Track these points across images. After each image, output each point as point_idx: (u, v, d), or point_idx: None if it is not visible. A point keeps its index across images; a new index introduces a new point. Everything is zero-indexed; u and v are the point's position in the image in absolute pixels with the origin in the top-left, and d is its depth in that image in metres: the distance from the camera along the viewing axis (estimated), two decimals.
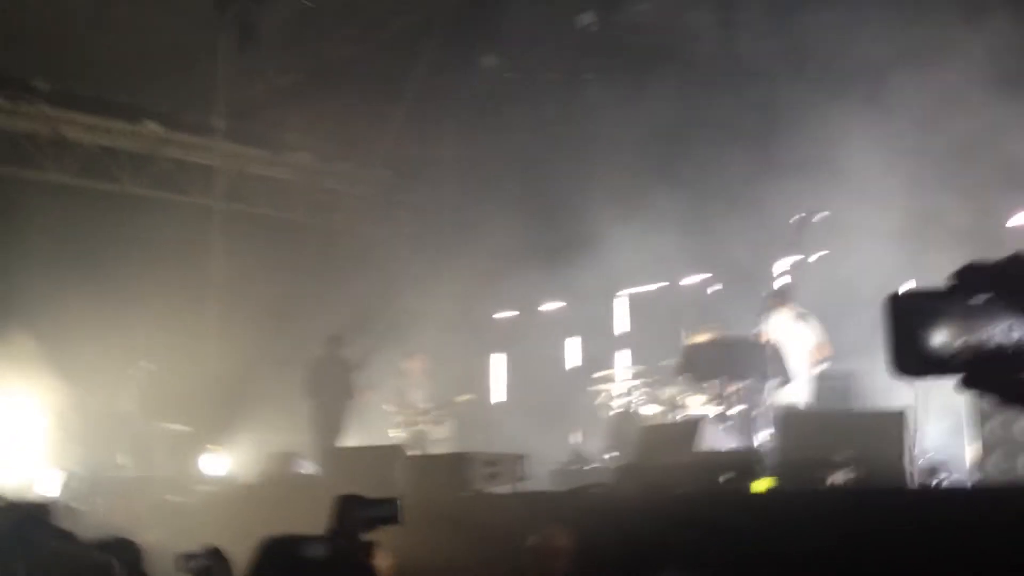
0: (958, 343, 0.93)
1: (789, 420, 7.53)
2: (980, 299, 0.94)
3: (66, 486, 11.13)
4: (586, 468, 10.93)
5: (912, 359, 0.95)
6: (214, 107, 15.22)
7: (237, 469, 13.05)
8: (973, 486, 7.45)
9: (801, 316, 10.09)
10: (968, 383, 0.94)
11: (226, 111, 15.27)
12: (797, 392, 9.78)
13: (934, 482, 6.67)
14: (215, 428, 13.50)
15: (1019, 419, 7.66)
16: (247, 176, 17.06)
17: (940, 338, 0.94)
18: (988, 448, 7.78)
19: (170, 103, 16.12)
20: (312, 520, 3.98)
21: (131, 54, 14.14)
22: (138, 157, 16.10)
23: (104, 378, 13.20)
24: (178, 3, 13.25)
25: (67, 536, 3.65)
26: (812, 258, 10.51)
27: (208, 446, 13.10)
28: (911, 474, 6.12)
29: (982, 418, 7.85)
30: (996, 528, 4.75)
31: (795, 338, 9.84)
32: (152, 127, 16.07)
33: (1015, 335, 0.92)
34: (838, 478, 6.18)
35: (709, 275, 13.42)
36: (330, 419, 13.07)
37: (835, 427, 6.85)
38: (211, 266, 15.08)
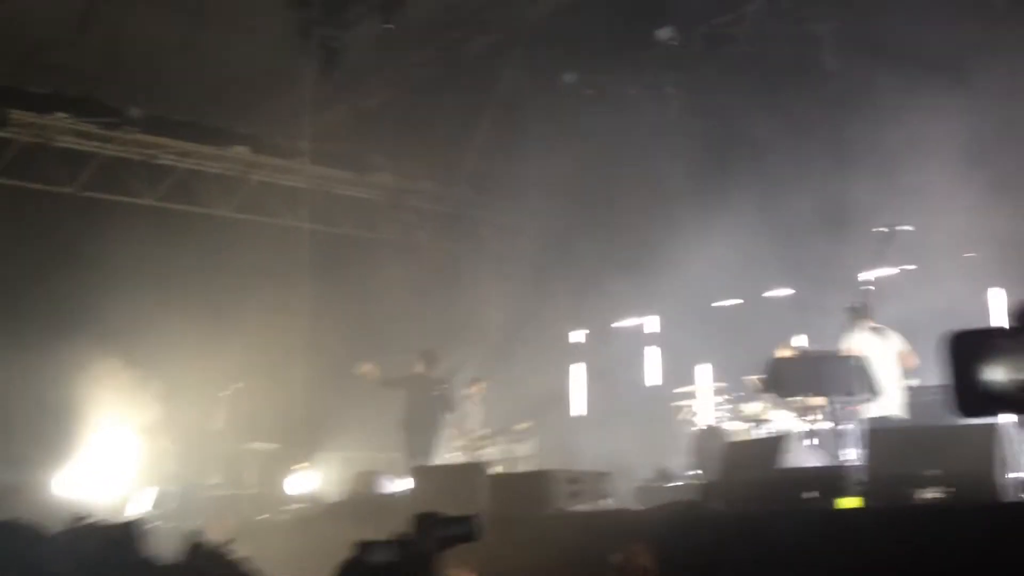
0: (1019, 379, 0.92)
1: (876, 435, 7.36)
2: None
3: (158, 504, 11.41)
4: (670, 485, 10.83)
5: (974, 399, 0.95)
6: (299, 130, 15.53)
7: (324, 487, 13.23)
8: None
9: (881, 330, 9.90)
10: None
11: (311, 134, 15.56)
12: (887, 406, 9.57)
13: None
14: (303, 447, 13.71)
15: None
16: (332, 197, 17.34)
17: (1000, 375, 0.93)
18: None
19: (257, 127, 16.49)
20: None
21: (219, 80, 14.53)
22: (226, 180, 16.48)
23: (195, 398, 13.49)
24: (263, 30, 13.56)
25: (148, 560, 3.73)
26: (896, 271, 10.29)
27: (295, 465, 13.30)
28: (1004, 488, 5.93)
29: None
30: None
31: (878, 351, 9.64)
32: (240, 151, 16.46)
33: None
34: (928, 494, 6.03)
35: (792, 290, 13.25)
36: (423, 438, 13.07)
37: (924, 441, 6.68)
38: (298, 286, 15.35)
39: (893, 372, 9.79)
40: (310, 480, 13.24)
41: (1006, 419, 7.88)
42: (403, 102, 15.88)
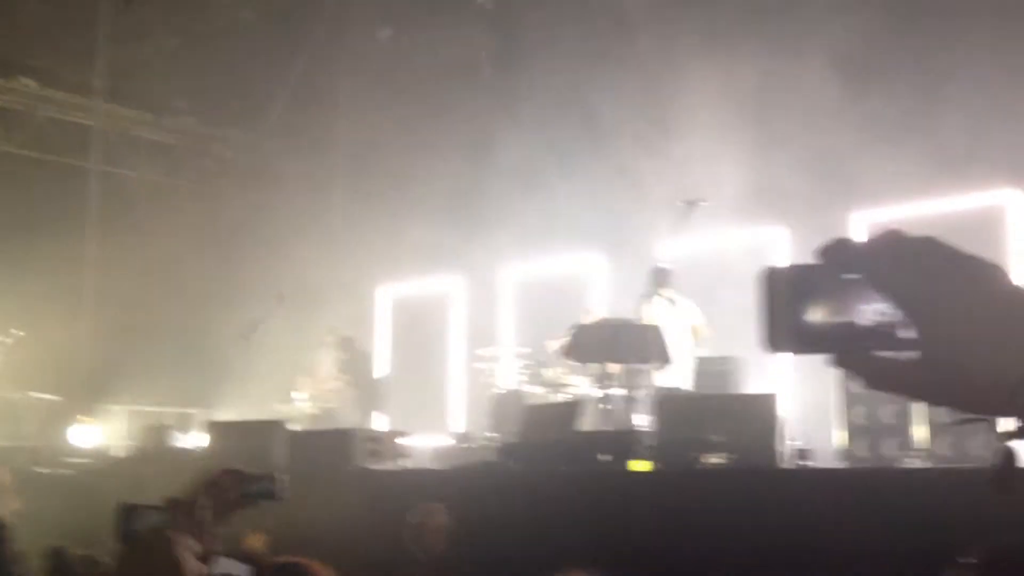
0: (831, 321, 0.92)
1: (666, 403, 7.69)
2: (854, 275, 0.92)
3: None
4: (468, 446, 10.97)
5: (786, 335, 0.93)
6: (95, 66, 14.69)
7: (110, 441, 12.69)
8: (842, 468, 7.74)
9: (677, 300, 10.29)
10: (839, 363, 0.93)
11: (108, 71, 14.75)
12: (677, 375, 9.97)
13: (804, 464, 6.89)
14: (87, 399, 13.10)
15: (885, 404, 7.96)
16: (127, 138, 16.53)
17: (813, 315, 0.92)
18: (855, 433, 8.08)
19: (47, 60, 15.48)
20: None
21: (6, 6, 13.54)
22: (11, 114, 15.44)
23: None
24: None
25: None
26: (694, 243, 10.71)
27: (79, 417, 12.70)
28: (781, 454, 6.32)
29: (849, 403, 8.15)
30: (861, 508, 4.94)
31: (673, 321, 10.03)
32: (26, 83, 15.43)
33: (887, 316, 0.92)
34: (712, 459, 6.34)
35: (597, 254, 13.61)
36: None
37: (710, 409, 7.02)
38: (86, 231, 14.57)
39: (684, 342, 10.13)
40: (94, 434, 12.67)
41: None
42: (211, 44, 15.27)
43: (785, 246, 11.75)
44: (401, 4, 15.06)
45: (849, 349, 0.91)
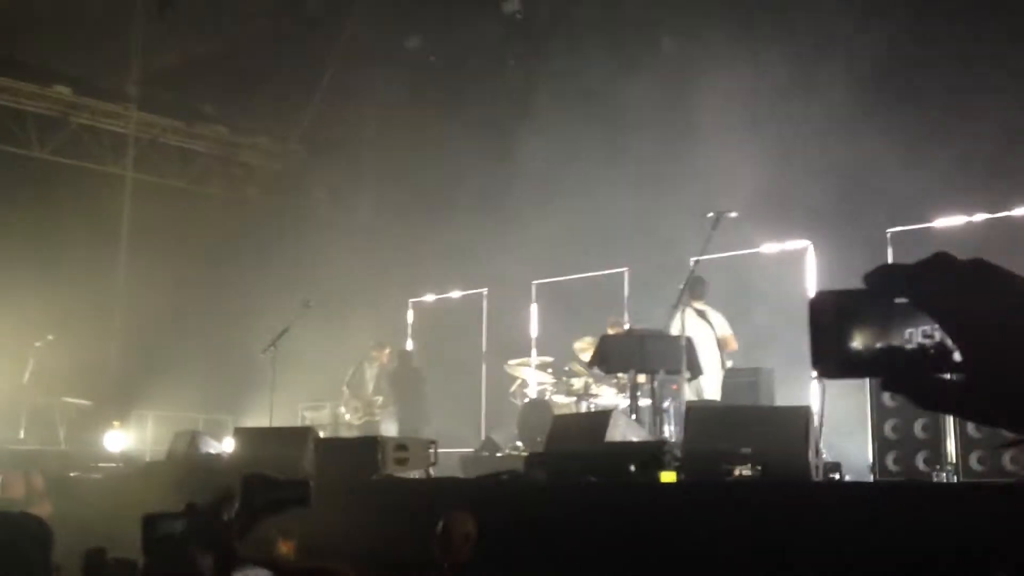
0: (878, 345, 0.94)
1: (696, 413, 7.64)
2: (902, 299, 0.94)
3: None
4: (497, 455, 10.96)
5: (833, 361, 0.95)
6: (127, 74, 14.84)
7: (139, 447, 12.77)
8: (875, 481, 7.66)
9: (707, 312, 10.24)
10: (887, 386, 0.95)
11: (140, 79, 14.90)
12: (707, 386, 9.93)
13: (835, 477, 6.83)
14: (117, 404, 13.20)
15: (917, 418, 7.89)
16: (158, 146, 16.69)
17: (860, 340, 0.94)
18: (886, 447, 8.01)
19: (82, 68, 15.66)
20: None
21: (44, 16, 13.71)
22: (47, 121, 15.63)
23: (6, 350, 12.80)
24: None
25: None
26: (723, 256, 10.66)
27: (113, 422, 12.80)
28: (816, 467, 6.26)
29: (881, 417, 8.08)
30: (894, 523, 4.89)
31: (702, 333, 9.99)
32: (61, 91, 15.61)
33: (933, 338, 0.93)
34: (743, 471, 6.29)
35: (625, 268, 13.58)
36: None
37: (740, 421, 6.97)
38: (117, 237, 14.71)
39: (713, 354, 10.06)
40: (124, 439, 12.77)
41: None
42: (240, 53, 15.40)
43: (810, 260, 11.71)
44: (428, 13, 15.11)
45: (897, 373, 0.93)
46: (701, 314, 10.16)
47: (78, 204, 14.68)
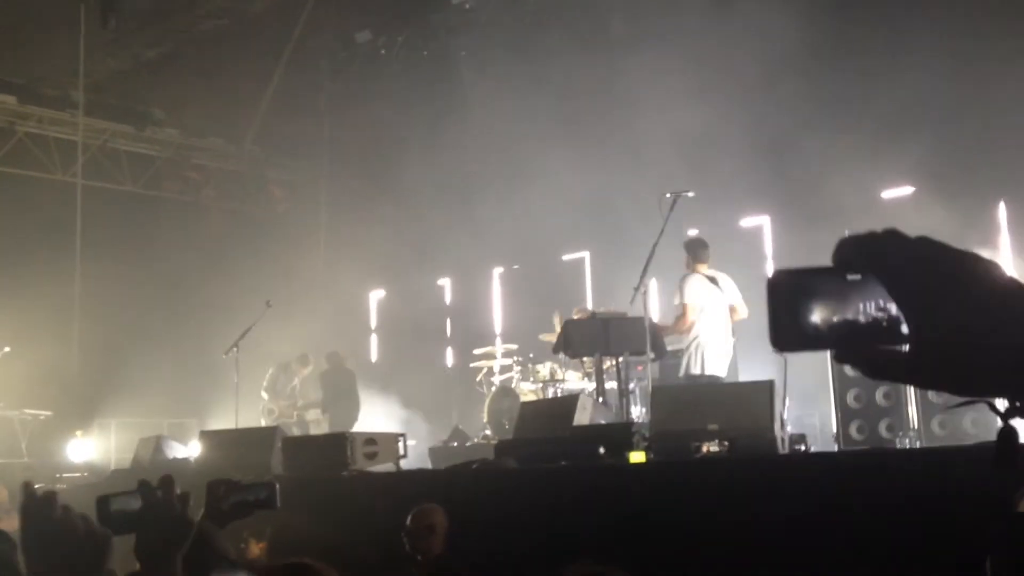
0: (833, 319, 0.98)
1: (662, 393, 7.68)
2: (855, 276, 0.99)
3: None
4: (466, 445, 10.96)
5: (789, 336, 1.00)
6: (74, 81, 14.63)
7: (106, 455, 12.64)
8: (839, 451, 7.76)
9: (717, 278, 9.55)
10: (841, 358, 1.00)
11: (88, 85, 14.69)
12: (713, 360, 9.28)
13: (801, 449, 6.90)
14: (79, 414, 13.04)
15: (879, 386, 7.99)
16: (109, 152, 16.47)
17: (816, 315, 0.98)
18: (849, 416, 8.11)
19: (25, 76, 15.42)
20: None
21: None
22: None
23: None
24: None
25: None
26: (679, 234, 10.56)
27: (75, 432, 12.66)
28: (782, 440, 6.32)
29: (843, 386, 8.17)
30: (862, 491, 4.95)
31: (715, 300, 9.36)
32: (5, 100, 15.36)
33: (886, 311, 0.98)
34: (711, 447, 6.34)
35: (586, 252, 13.62)
36: None
37: (707, 399, 7.02)
38: (71, 246, 14.51)
39: (725, 323, 9.39)
40: (88, 448, 12.63)
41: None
42: (188, 54, 15.24)
43: (767, 234, 11.79)
44: (377, 7, 15.02)
45: (849, 345, 0.98)
46: (712, 280, 9.46)
47: (29, 214, 14.47)
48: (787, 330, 0.99)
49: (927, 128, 9.91)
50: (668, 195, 9.00)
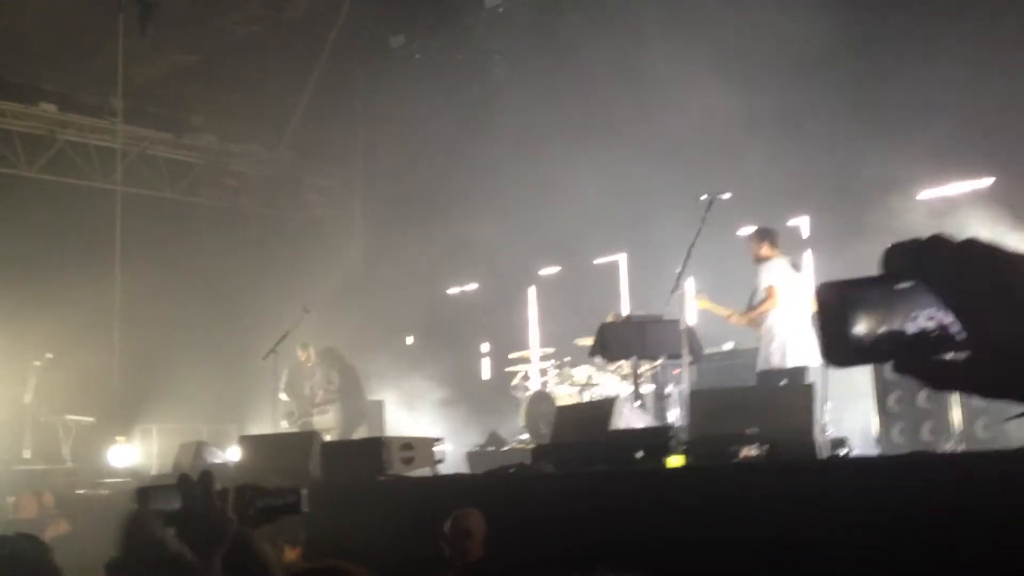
0: (887, 330, 0.96)
1: (700, 397, 7.63)
2: (905, 284, 0.97)
3: None
4: (503, 449, 10.95)
5: (842, 350, 0.99)
6: (113, 88, 14.79)
7: (148, 460, 12.76)
8: (881, 455, 7.65)
9: (799, 265, 9.46)
10: (901, 369, 0.97)
11: (126, 92, 14.85)
12: (794, 351, 8.84)
13: (841, 454, 6.82)
14: (120, 419, 13.18)
15: (921, 390, 7.88)
16: (148, 158, 16.65)
17: (868, 326, 0.97)
18: (890, 419, 8.00)
19: (66, 84, 15.63)
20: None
21: (26, 33, 13.66)
22: (33, 139, 15.59)
23: (6, 371, 12.79)
24: None
25: None
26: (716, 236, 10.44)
27: (117, 438, 12.79)
28: (820, 446, 6.25)
29: (884, 390, 8.07)
30: (904, 496, 4.87)
31: (796, 287, 9.04)
32: (47, 108, 15.57)
33: (937, 320, 0.96)
34: (750, 451, 6.28)
35: (622, 254, 13.56)
36: None
37: (745, 403, 6.96)
38: (111, 252, 14.68)
39: (807, 312, 8.89)
40: (130, 453, 12.76)
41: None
42: (225, 61, 15.36)
43: (805, 236, 11.66)
44: (412, 12, 15.07)
45: (907, 356, 0.97)
46: (794, 265, 9.22)
47: (70, 221, 14.66)
48: (840, 344, 0.98)
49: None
50: (704, 197, 8.94)
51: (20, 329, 12.88)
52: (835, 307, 0.97)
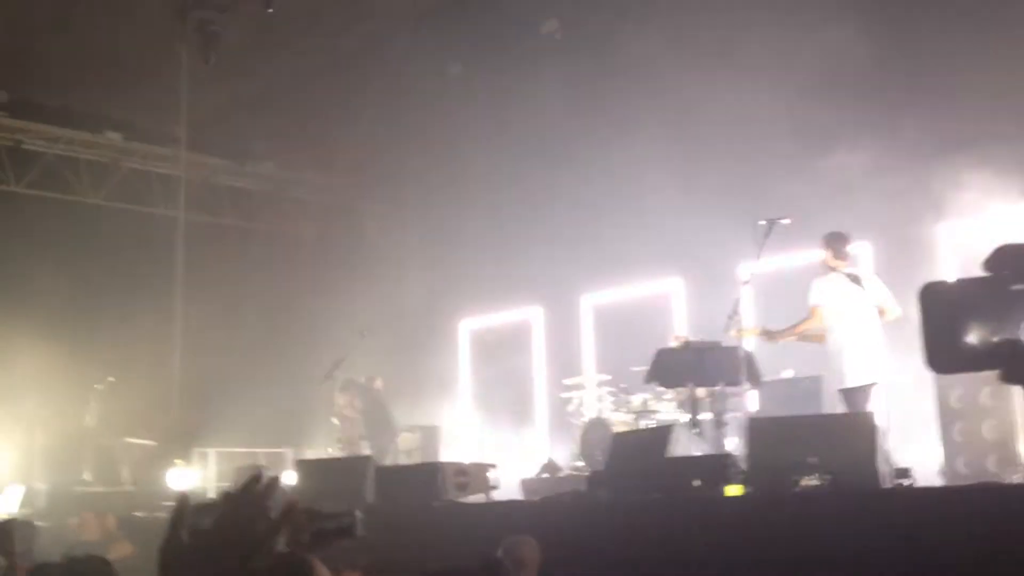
0: (995, 337, 0.89)
1: (758, 424, 7.51)
2: (1021, 286, 0.89)
3: (25, 502, 10.94)
4: (558, 476, 10.88)
5: (947, 355, 0.92)
6: (176, 116, 15.07)
7: (206, 484, 12.88)
8: (946, 486, 7.47)
9: (860, 277, 8.95)
10: (1008, 378, 0.90)
11: (188, 120, 15.12)
12: (853, 369, 8.62)
13: (905, 484, 6.67)
14: (180, 442, 13.33)
15: (987, 419, 7.70)
16: (210, 186, 16.91)
17: (975, 332, 0.90)
18: (956, 450, 7.82)
19: (130, 112, 15.96)
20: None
21: (92, 63, 13.98)
22: (98, 167, 15.93)
23: (69, 393, 13.01)
24: (139, 11, 13.10)
25: (18, 555, 3.53)
26: (775, 262, 10.32)
27: (175, 460, 12.93)
28: (884, 475, 6.11)
29: (948, 420, 7.89)
30: (970, 528, 4.75)
31: (855, 301, 8.75)
32: (112, 137, 15.91)
33: None
34: (811, 481, 6.16)
35: (676, 278, 13.45)
36: None
37: (805, 431, 6.83)
38: (173, 278, 14.91)
39: (870, 327, 8.68)
40: (189, 476, 12.88)
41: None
42: (285, 89, 15.57)
43: (868, 261, 11.47)
44: (468, 39, 15.16)
45: (1016, 365, 0.90)
46: (854, 279, 8.80)
47: (132, 247, 14.92)
48: (945, 349, 0.91)
49: None
50: (763, 222, 8.84)
51: (83, 353, 13.11)
52: (943, 309, 0.90)
